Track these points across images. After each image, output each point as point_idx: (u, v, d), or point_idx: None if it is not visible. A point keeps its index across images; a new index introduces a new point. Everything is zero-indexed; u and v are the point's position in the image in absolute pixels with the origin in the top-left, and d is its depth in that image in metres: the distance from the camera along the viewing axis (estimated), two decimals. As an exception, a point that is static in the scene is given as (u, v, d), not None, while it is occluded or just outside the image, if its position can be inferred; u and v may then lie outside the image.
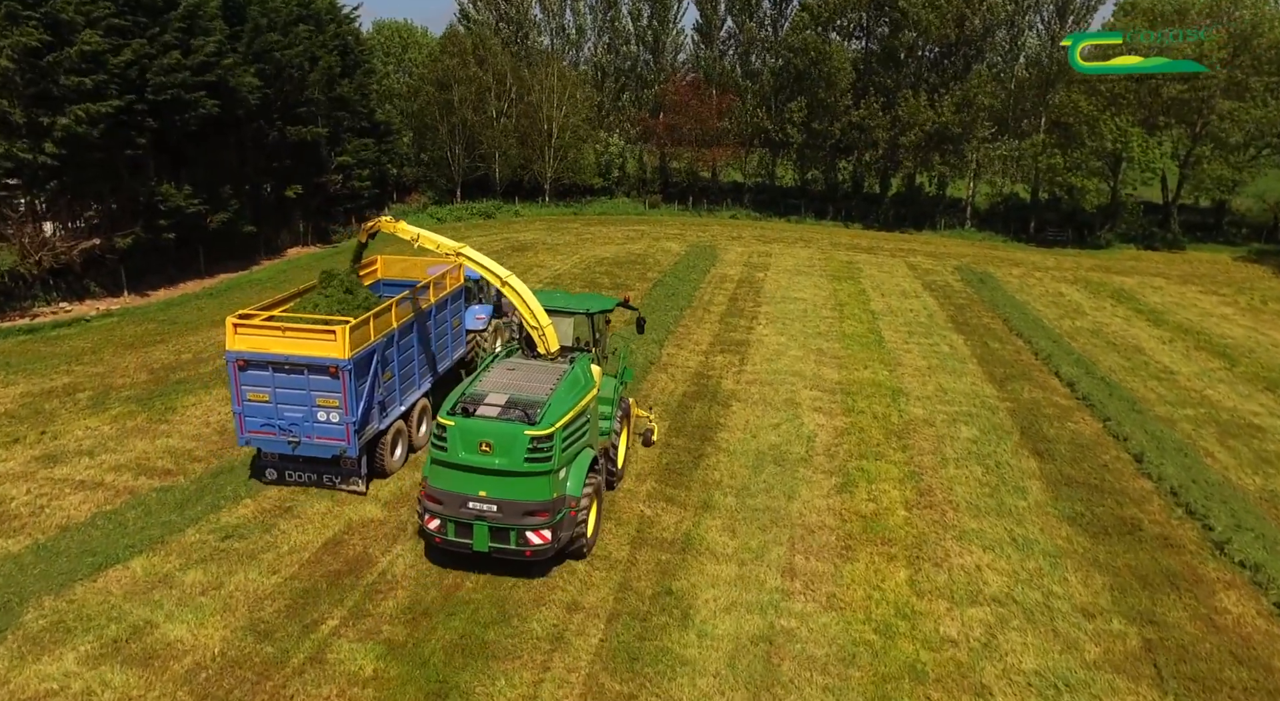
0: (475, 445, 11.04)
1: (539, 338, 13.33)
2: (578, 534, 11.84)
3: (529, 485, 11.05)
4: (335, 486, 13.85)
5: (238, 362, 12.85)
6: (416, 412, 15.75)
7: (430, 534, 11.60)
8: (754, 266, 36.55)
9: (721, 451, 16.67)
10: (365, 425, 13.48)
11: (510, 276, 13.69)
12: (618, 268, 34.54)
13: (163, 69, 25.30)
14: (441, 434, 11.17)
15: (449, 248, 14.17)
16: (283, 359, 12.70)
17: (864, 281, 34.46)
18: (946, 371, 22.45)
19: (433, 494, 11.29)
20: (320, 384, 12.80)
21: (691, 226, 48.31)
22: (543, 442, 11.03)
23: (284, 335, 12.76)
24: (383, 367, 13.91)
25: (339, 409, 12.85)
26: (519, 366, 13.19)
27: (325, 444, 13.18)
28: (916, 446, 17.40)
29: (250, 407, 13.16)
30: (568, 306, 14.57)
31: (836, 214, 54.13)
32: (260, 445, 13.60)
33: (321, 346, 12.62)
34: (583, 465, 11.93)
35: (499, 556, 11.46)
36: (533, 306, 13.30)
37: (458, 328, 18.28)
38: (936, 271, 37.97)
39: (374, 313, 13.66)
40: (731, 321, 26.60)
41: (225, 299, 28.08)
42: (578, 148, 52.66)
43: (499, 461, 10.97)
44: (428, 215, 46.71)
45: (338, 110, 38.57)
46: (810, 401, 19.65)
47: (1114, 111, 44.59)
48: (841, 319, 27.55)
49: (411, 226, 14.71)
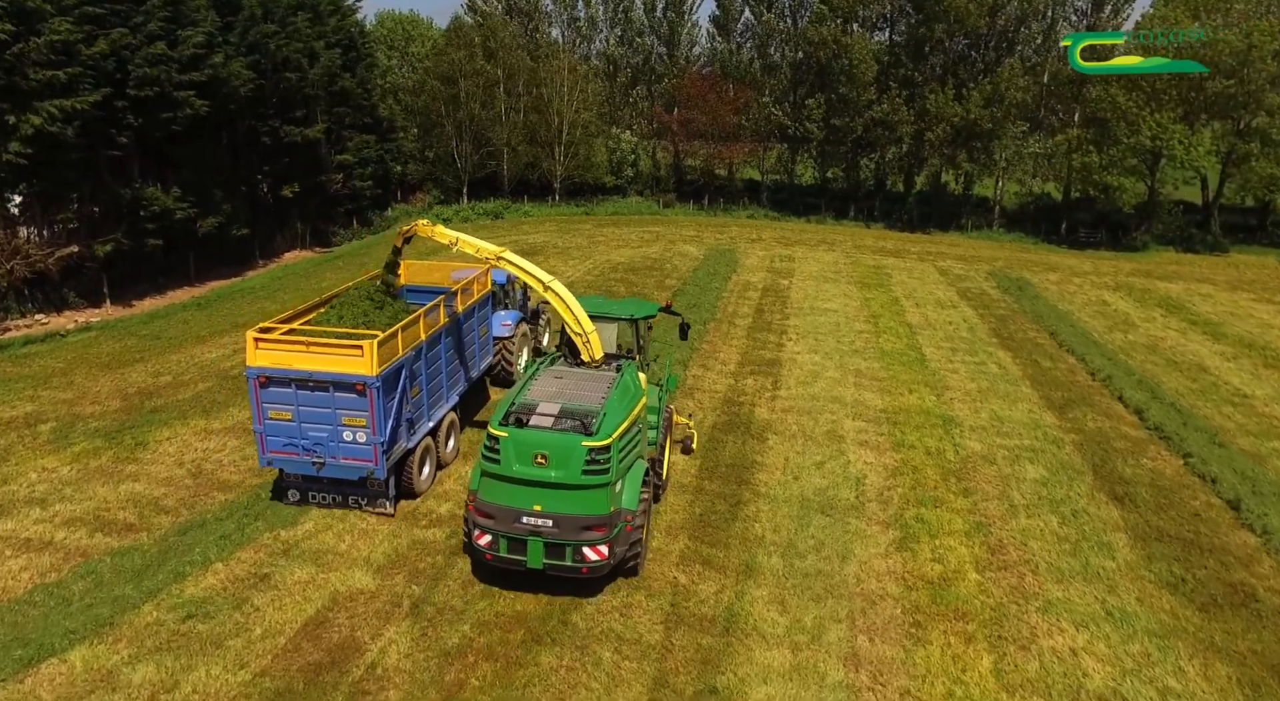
0: (530, 457, 10.60)
1: (583, 345, 13.01)
2: (633, 549, 11.39)
3: (586, 498, 10.63)
4: (361, 508, 13.26)
5: (259, 379, 12.19)
6: (445, 427, 15.00)
7: (480, 550, 11.05)
8: (777, 272, 34.50)
9: (761, 497, 14.70)
10: (394, 444, 12.82)
11: (553, 281, 13.34)
12: (634, 274, 32.54)
13: (145, 61, 23.37)
14: (494, 445, 10.72)
15: (490, 252, 13.79)
16: (306, 375, 12.06)
17: (895, 289, 32.39)
18: (999, 396, 20.41)
19: (484, 508, 10.82)
20: (346, 402, 12.16)
21: (708, 227, 46.25)
22: (600, 454, 10.61)
23: (308, 350, 12.09)
24: (411, 382, 13.22)
25: (366, 428, 12.24)
26: (566, 374, 12.75)
27: (352, 465, 12.56)
28: (979, 489, 15.40)
29: (272, 426, 12.49)
30: (610, 312, 14.20)
31: (858, 213, 52.03)
32: (283, 466, 12.94)
33: (348, 362, 11.99)
34: (637, 477, 11.51)
35: (554, 574, 10.96)
36: (577, 312, 12.99)
37: (485, 336, 17.54)
38: (969, 277, 35.88)
39: (402, 325, 12.93)
40: (760, 337, 24.58)
41: (214, 310, 26.20)
42: (589, 144, 50.64)
43: (555, 474, 10.55)
44: (434, 215, 44.77)
45: (338, 106, 36.66)
46: (854, 433, 17.64)
47: (1154, 107, 42.35)
48: (877, 333, 25.50)
49: (450, 230, 14.21)
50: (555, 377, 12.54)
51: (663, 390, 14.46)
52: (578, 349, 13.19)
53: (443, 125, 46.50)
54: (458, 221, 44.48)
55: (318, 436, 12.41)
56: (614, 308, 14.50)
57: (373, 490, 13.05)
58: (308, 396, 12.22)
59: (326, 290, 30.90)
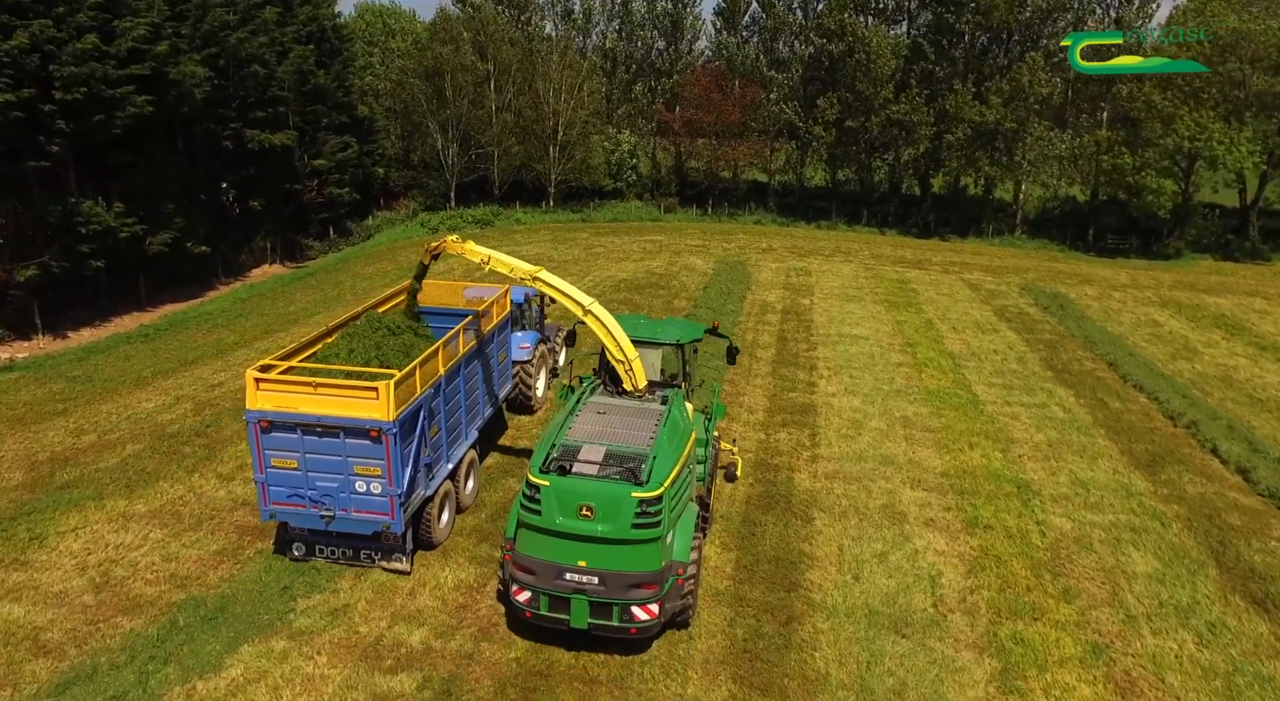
0: (574, 509, 9.72)
1: (625, 373, 12.04)
2: (684, 604, 10.52)
3: (636, 554, 9.80)
4: (375, 564, 11.95)
5: (260, 423, 10.96)
6: (465, 467, 13.69)
7: (519, 607, 10.17)
8: (795, 289, 31.43)
9: (817, 609, 11.66)
10: (411, 494, 11.53)
11: (593, 304, 12.39)
12: (638, 292, 29.44)
13: (74, 57, 20.11)
14: (533, 495, 9.84)
15: (524, 272, 12.81)
16: (314, 420, 10.84)
17: (926, 309, 29.38)
18: (1073, 450, 17.41)
19: (523, 563, 10.01)
20: (359, 448, 10.95)
21: (714, 235, 43.16)
22: (652, 505, 9.71)
23: (315, 392, 10.88)
24: (429, 422, 11.95)
25: (382, 478, 11.04)
26: (608, 408, 11.76)
27: (365, 519, 11.33)
28: (1082, 590, 12.40)
29: (275, 475, 11.27)
30: (654, 336, 13.02)
31: (871, 219, 49.02)
32: (287, 519, 11.64)
33: (361, 406, 10.75)
34: (688, 524, 10.68)
35: (599, 634, 10.07)
36: (619, 338, 12.06)
37: (504, 361, 16.20)
38: (1002, 292, 32.92)
39: (420, 359, 11.67)
40: (787, 374, 21.50)
41: (162, 342, 22.99)
42: (585, 145, 47.44)
43: (602, 528, 9.69)
44: (418, 224, 41.57)
45: (312, 106, 33.42)
46: (917, 509, 14.61)
47: (1191, 105, 39.43)
48: (918, 366, 22.46)
49: (481, 247, 13.20)
50: (598, 413, 11.50)
51: (709, 420, 13.42)
52: (619, 376, 12.12)
53: (427, 125, 43.20)
54: (444, 231, 41.29)
55: (327, 487, 11.18)
56: (658, 330, 13.27)
57: (388, 544, 11.76)
58: (315, 443, 10.97)
59: (295, 314, 28.24)
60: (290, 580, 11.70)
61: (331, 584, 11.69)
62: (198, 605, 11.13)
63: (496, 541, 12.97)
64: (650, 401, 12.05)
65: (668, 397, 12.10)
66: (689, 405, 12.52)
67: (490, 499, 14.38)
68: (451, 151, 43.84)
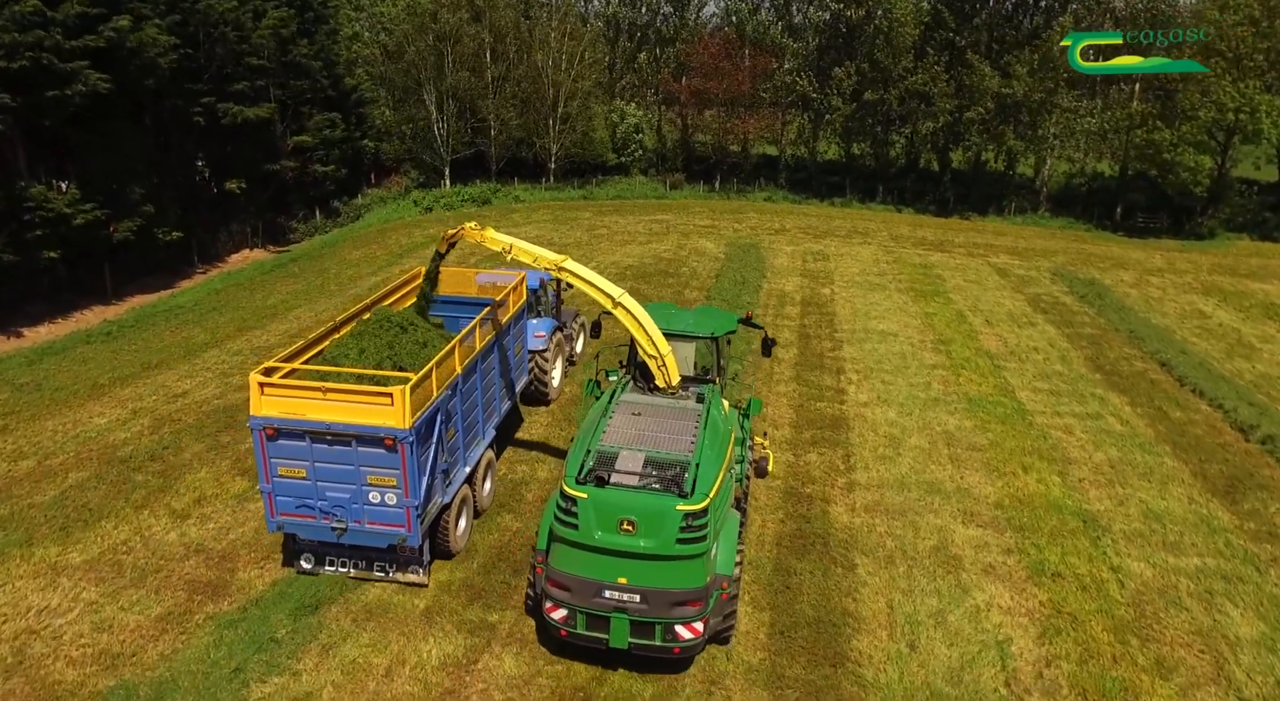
0: (614, 523, 9.17)
1: (658, 369, 11.55)
2: (728, 620, 10.04)
3: (680, 570, 9.24)
4: (389, 576, 11.28)
5: (265, 430, 10.30)
6: (482, 469, 12.93)
7: (553, 625, 9.66)
8: (813, 276, 29.32)
9: (870, 692, 9.80)
10: (428, 503, 10.85)
11: (623, 295, 11.84)
12: (645, 280, 27.36)
13: (12, 24, 17.86)
14: (570, 508, 9.28)
15: (549, 262, 12.11)
16: (323, 427, 10.16)
17: (955, 298, 27.32)
18: (1139, 473, 15.48)
19: (558, 579, 9.49)
20: (372, 457, 10.28)
21: (724, 215, 40.90)
22: (697, 519, 9.17)
23: (324, 398, 10.20)
24: (446, 424, 11.23)
25: (397, 489, 10.38)
26: (643, 408, 11.16)
27: (380, 531, 10.70)
28: (1179, 662, 10.53)
29: (282, 485, 10.60)
30: (686, 329, 12.37)
31: (887, 195, 46.69)
32: (296, 531, 10.99)
33: (374, 412, 10.10)
34: (731, 534, 10.10)
35: (640, 654, 9.61)
36: (651, 332, 11.53)
37: (520, 353, 15.38)
38: (1033, 279, 30.82)
39: (437, 360, 10.92)
40: (812, 379, 19.51)
41: (125, 342, 21.00)
42: (587, 118, 44.98)
43: (645, 543, 9.14)
44: (410, 202, 39.31)
45: (294, 79, 31.06)
46: (973, 551, 12.71)
47: (1235, 76, 36.99)
48: (954, 368, 20.47)
49: (501, 234, 12.39)
50: (633, 414, 10.86)
51: (745, 416, 12.81)
52: (650, 372, 11.60)
53: (422, 96, 40.64)
54: (440, 209, 39.08)
55: (338, 497, 10.50)
56: (690, 322, 12.54)
57: (403, 556, 11.08)
58: (325, 451, 10.30)
59: (274, 307, 25.90)
60: (244, 658, 9.82)
61: (292, 663, 9.82)
62: (129, 694, 9.26)
63: (490, 601, 11.17)
64: (685, 398, 11.50)
65: (704, 395, 11.53)
66: (725, 402, 11.92)
67: (483, 543, 12.48)
68: (446, 123, 41.39)
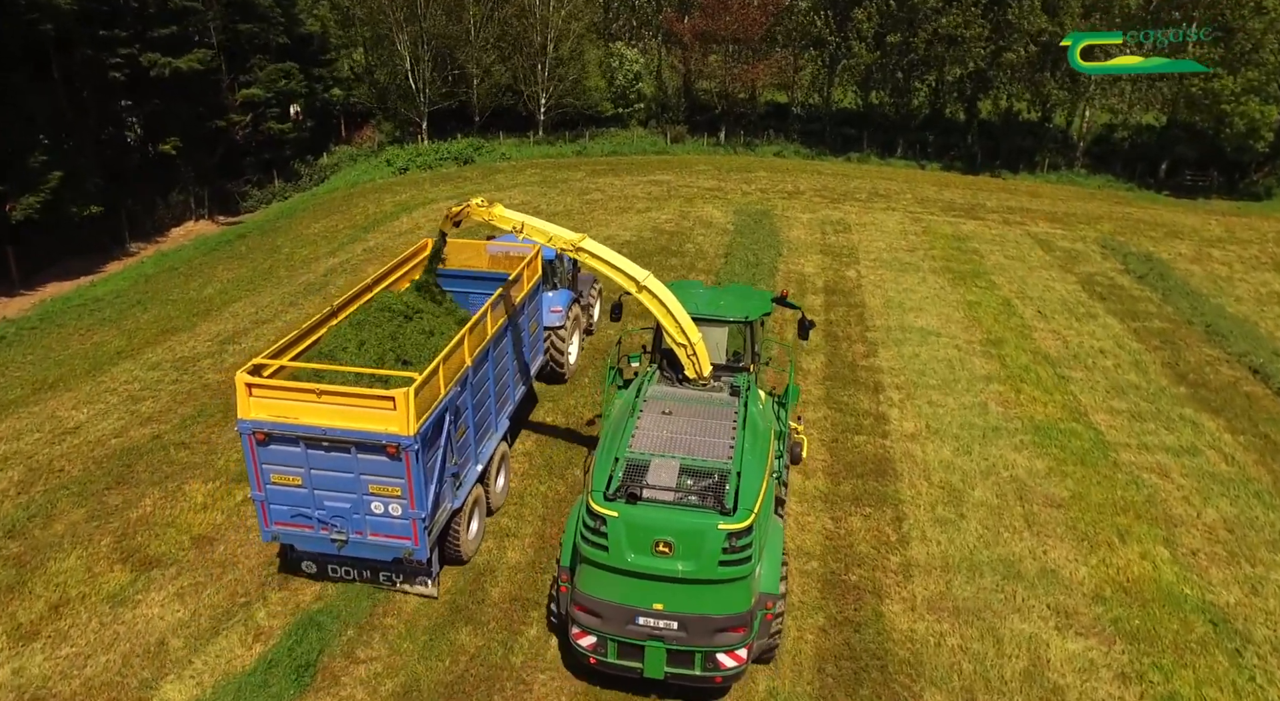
0: (648, 544, 8.17)
1: (687, 358, 10.61)
2: (772, 640, 9.10)
3: (723, 594, 8.25)
4: (396, 587, 10.30)
5: (255, 435, 9.16)
6: (495, 464, 11.89)
7: (581, 653, 8.73)
8: (835, 253, 25.77)
9: None
10: (436, 511, 9.72)
11: (649, 278, 10.74)
12: (644, 261, 23.77)
13: None
14: (599, 527, 8.28)
15: (565, 241, 11.02)
16: (319, 433, 9.08)
17: (997, 279, 23.90)
18: (1264, 539, 12.39)
19: (586, 604, 8.55)
20: (374, 466, 9.19)
21: (731, 173, 37.01)
22: (741, 538, 8.14)
23: (319, 400, 9.08)
24: (455, 423, 10.05)
25: (401, 499, 9.31)
26: (674, 405, 10.01)
27: (384, 543, 9.64)
28: None
29: (276, 493, 9.51)
30: (718, 312, 11.25)
31: (907, 150, 42.72)
32: (293, 542, 9.96)
33: (375, 417, 8.98)
34: (776, 546, 9.08)
35: (677, 683, 8.66)
36: (680, 318, 10.51)
37: (535, 332, 14.08)
38: (1081, 253, 27.35)
39: (444, 354, 9.72)
40: (846, 399, 16.20)
41: (20, 350, 17.64)
42: (580, 63, 40.67)
43: (683, 567, 8.14)
44: (383, 161, 35.37)
45: (240, 21, 26.95)
46: (1078, 679, 9.63)
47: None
48: (1011, 381, 17.18)
49: (512, 212, 11.32)
50: (663, 413, 9.91)
51: (782, 406, 11.73)
52: (678, 361, 10.88)
53: (394, 42, 36.31)
54: (415, 170, 35.17)
55: (337, 507, 9.59)
56: (720, 304, 11.56)
57: (410, 567, 10.13)
58: (322, 457, 9.34)
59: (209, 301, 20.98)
60: None
61: None
62: None
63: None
64: (718, 390, 10.73)
65: (738, 387, 10.65)
66: (761, 392, 11.12)
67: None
68: (423, 72, 37.13)
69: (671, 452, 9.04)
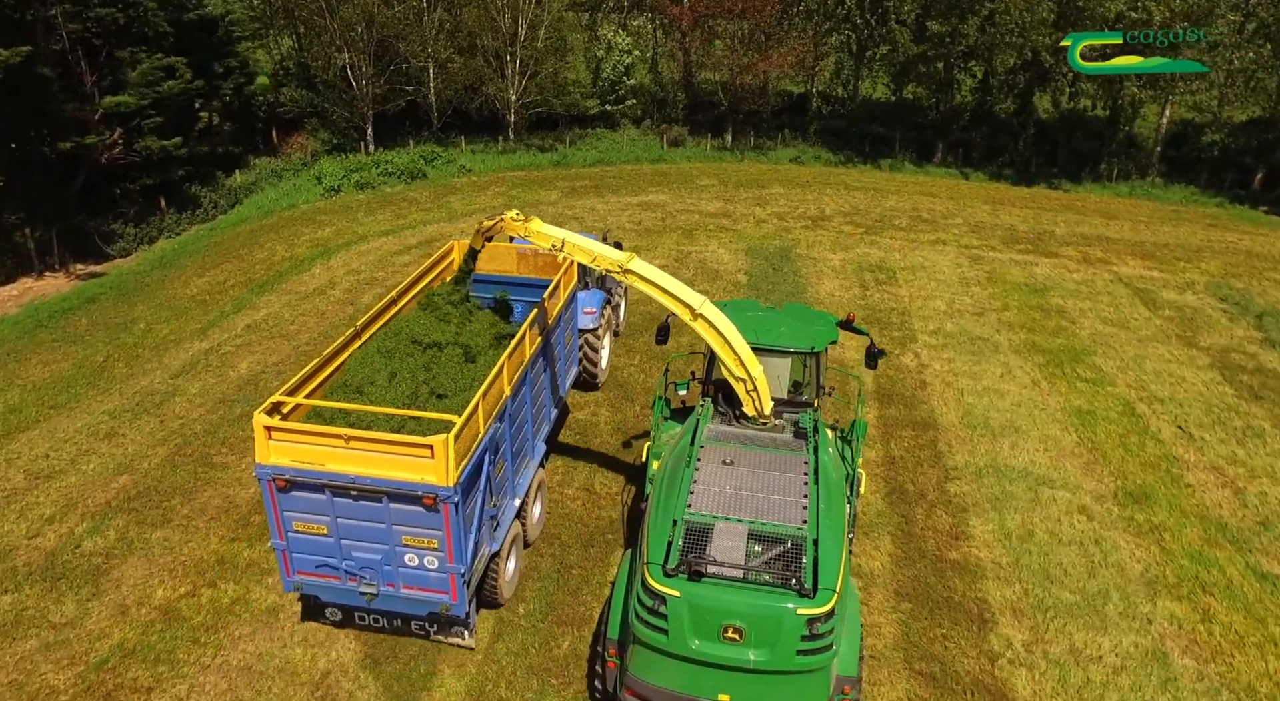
0: (715, 629, 7.17)
1: (746, 393, 9.62)
2: None
3: (798, 686, 7.32)
4: (430, 637, 9.47)
5: (275, 481, 8.21)
6: (532, 494, 10.77)
7: None
8: (883, 321, 19.37)
9: None
10: (475, 559, 8.82)
11: (704, 304, 9.63)
12: (625, 343, 17.48)
13: None
14: (657, 608, 7.28)
15: (611, 261, 9.98)
16: (347, 481, 8.16)
17: (1104, 364, 17.64)
18: None
19: (642, 691, 7.65)
20: (408, 516, 8.31)
21: (740, 189, 30.48)
22: (822, 623, 7.10)
23: (346, 446, 8.13)
24: (494, 460, 9.22)
25: (439, 552, 8.42)
26: (735, 453, 8.98)
27: (418, 597, 8.81)
28: None
29: (299, 542, 8.65)
30: (778, 341, 10.10)
31: (947, 153, 36.16)
32: (317, 593, 9.09)
33: (409, 466, 8.07)
34: (854, 621, 7.98)
35: None
36: (740, 351, 9.51)
37: (570, 343, 12.94)
38: (1196, 311, 21.08)
39: (483, 390, 8.82)
40: (933, 648, 9.88)
41: None
42: (559, 55, 33.99)
43: (755, 656, 7.14)
44: (312, 178, 28.85)
45: (98, 4, 20.48)
46: None
47: None
48: (1189, 593, 10.92)
49: (550, 227, 10.15)
50: (724, 463, 8.72)
51: (848, 443, 10.32)
52: (735, 395, 9.66)
53: (324, 29, 29.64)
54: (350, 189, 28.63)
55: (367, 559, 8.57)
56: (781, 331, 10.21)
57: (446, 618, 9.00)
58: (350, 506, 8.31)
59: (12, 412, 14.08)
60: None
61: None
62: None
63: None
64: (782, 431, 9.65)
65: (805, 429, 9.41)
66: (829, 432, 10.14)
67: None
68: (361, 65, 30.42)
69: (737, 515, 7.96)
